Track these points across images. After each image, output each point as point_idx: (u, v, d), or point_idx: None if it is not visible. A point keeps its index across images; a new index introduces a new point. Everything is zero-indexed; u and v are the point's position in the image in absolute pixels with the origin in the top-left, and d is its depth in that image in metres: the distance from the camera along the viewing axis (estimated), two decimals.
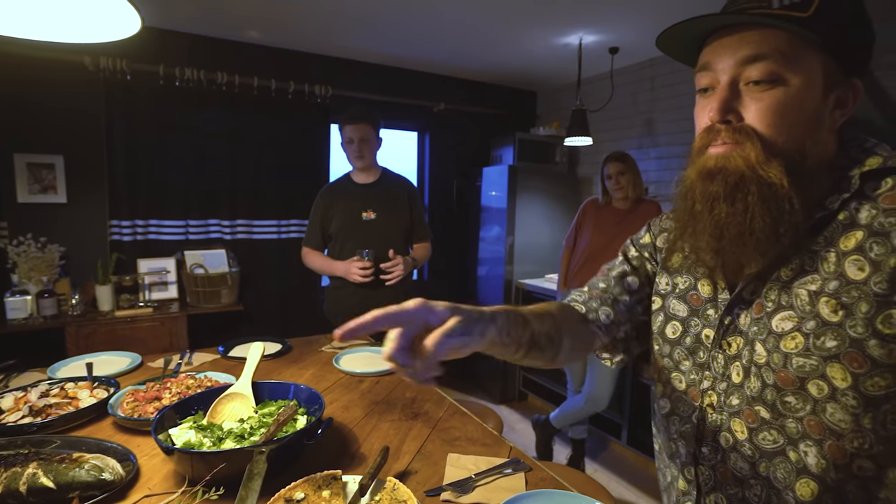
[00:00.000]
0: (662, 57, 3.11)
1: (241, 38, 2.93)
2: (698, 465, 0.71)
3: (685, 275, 0.75)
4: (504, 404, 3.52)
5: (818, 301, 0.58)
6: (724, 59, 0.60)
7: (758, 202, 0.58)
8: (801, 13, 0.56)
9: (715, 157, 0.61)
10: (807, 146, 0.60)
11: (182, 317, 2.51)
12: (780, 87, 0.58)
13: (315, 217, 2.19)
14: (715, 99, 0.61)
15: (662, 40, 0.66)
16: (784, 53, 0.57)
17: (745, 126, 0.59)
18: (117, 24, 0.78)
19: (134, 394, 1.16)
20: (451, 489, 0.86)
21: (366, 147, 2.08)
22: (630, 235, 2.57)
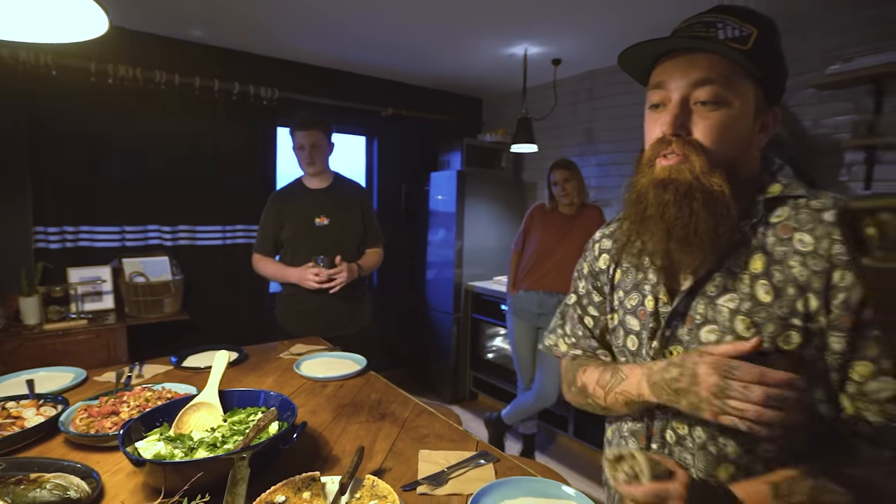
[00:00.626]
0: (601, 69, 3.32)
1: (183, 37, 2.82)
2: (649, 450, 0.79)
3: (632, 292, 0.82)
4: (455, 404, 3.59)
5: (735, 318, 0.68)
6: (676, 80, 0.69)
7: (702, 207, 0.67)
8: (742, 46, 0.66)
9: (667, 169, 0.69)
10: (739, 161, 0.70)
11: (121, 328, 2.36)
12: (724, 109, 0.67)
13: (266, 223, 2.14)
14: (668, 114, 0.69)
15: (624, 57, 0.73)
16: (728, 79, 0.66)
17: (693, 140, 0.68)
18: (83, 25, 0.77)
19: (87, 409, 1.11)
20: (427, 483, 0.91)
21: (317, 153, 2.06)
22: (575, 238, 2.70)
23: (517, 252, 2.80)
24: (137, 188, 2.71)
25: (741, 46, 0.66)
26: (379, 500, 0.81)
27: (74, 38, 0.77)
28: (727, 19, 0.68)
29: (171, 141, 2.78)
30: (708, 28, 0.68)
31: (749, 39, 0.67)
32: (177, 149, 2.80)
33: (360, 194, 2.23)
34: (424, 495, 0.88)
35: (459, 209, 3.50)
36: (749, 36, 0.67)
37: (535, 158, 3.87)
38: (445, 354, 3.65)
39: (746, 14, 0.69)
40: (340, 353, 1.67)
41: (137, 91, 2.65)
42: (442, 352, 3.68)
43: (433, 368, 3.81)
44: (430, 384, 3.80)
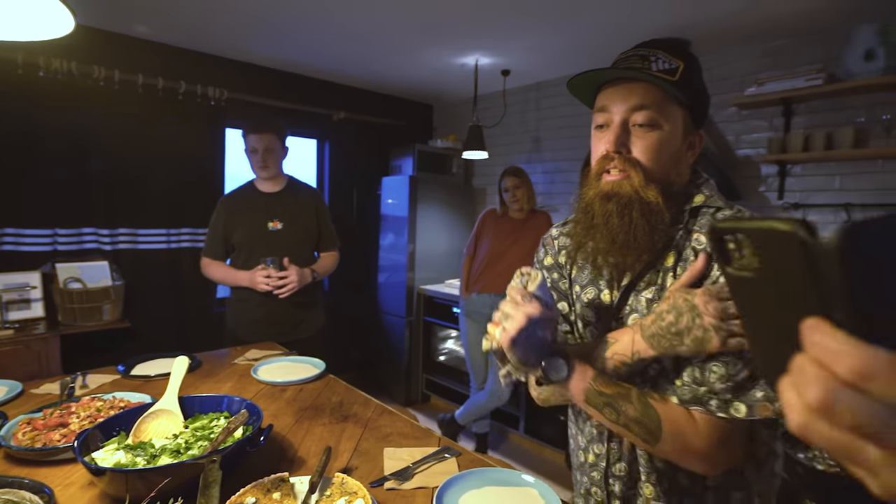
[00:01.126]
0: (547, 81, 3.48)
1: (126, 32, 2.69)
2: (609, 442, 0.87)
3: (590, 286, 0.91)
4: (408, 407, 3.61)
5: (651, 306, 0.79)
6: (617, 104, 0.79)
7: (640, 217, 0.77)
8: (671, 77, 0.77)
9: (611, 184, 0.79)
10: (672, 176, 0.81)
11: (53, 338, 2.21)
12: (658, 131, 0.77)
13: (216, 226, 2.09)
14: (611, 134, 0.79)
15: (573, 82, 0.83)
16: (660, 105, 0.77)
17: (633, 158, 0.78)
18: (48, 24, 0.75)
19: (31, 423, 1.05)
20: (394, 478, 0.94)
21: (270, 157, 2.03)
22: (525, 242, 2.83)
23: (469, 256, 2.88)
24: (72, 189, 2.56)
25: (671, 77, 0.76)
26: (349, 497, 0.84)
27: (39, 36, 0.76)
28: (659, 53, 0.79)
29: (111, 140, 2.65)
30: (643, 60, 0.78)
31: (677, 72, 0.77)
32: (117, 148, 2.67)
33: (314, 198, 2.21)
34: (392, 490, 0.92)
35: (412, 214, 3.54)
36: (677, 69, 0.77)
37: (486, 165, 3.98)
38: (398, 358, 3.67)
39: (674, 49, 0.80)
40: (298, 358, 1.67)
41: (73, 86, 2.51)
42: (394, 355, 3.70)
43: (385, 372, 3.82)
44: (383, 387, 3.81)
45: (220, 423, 1.01)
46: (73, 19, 0.74)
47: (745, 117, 2.57)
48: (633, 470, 0.86)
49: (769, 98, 2.32)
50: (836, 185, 2.31)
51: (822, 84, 2.16)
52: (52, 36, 0.76)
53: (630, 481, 0.86)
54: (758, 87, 2.35)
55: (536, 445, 2.97)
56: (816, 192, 2.36)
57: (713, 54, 2.65)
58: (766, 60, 2.48)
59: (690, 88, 0.78)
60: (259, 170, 2.05)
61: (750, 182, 2.56)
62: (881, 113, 2.15)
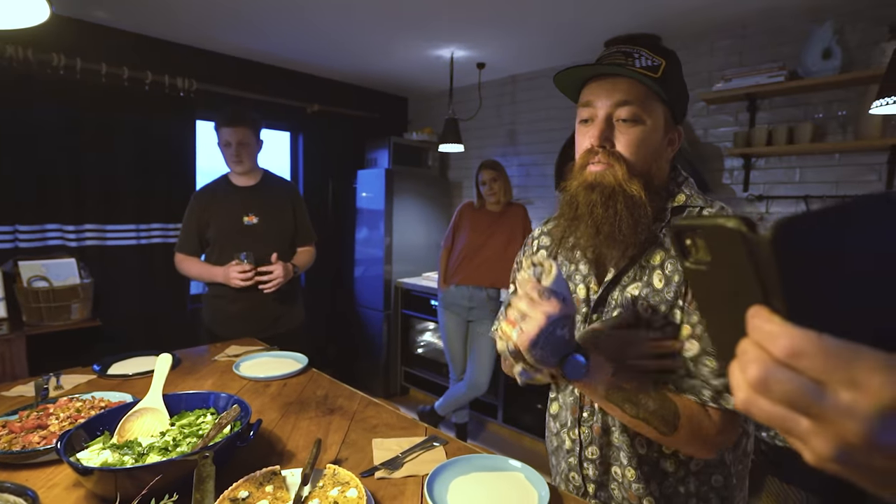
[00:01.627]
0: (522, 74, 3.52)
1: (85, 18, 2.58)
2: (580, 427, 0.92)
3: (567, 282, 0.95)
4: (388, 399, 3.63)
5: (637, 303, 0.82)
6: (601, 100, 0.81)
7: (624, 209, 0.79)
8: (654, 74, 0.79)
9: (594, 174, 0.81)
10: (653, 171, 0.84)
11: (18, 339, 2.13)
12: (640, 126, 0.80)
13: (190, 221, 2.05)
14: (595, 128, 0.82)
15: (559, 77, 0.85)
16: (643, 102, 0.79)
17: (616, 152, 0.81)
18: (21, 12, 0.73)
19: (6, 426, 1.03)
20: (384, 468, 0.96)
21: (245, 150, 2.00)
22: (502, 235, 2.88)
23: (447, 249, 2.91)
24: (33, 184, 2.45)
25: (653, 74, 0.79)
26: (342, 487, 0.85)
27: (12, 24, 0.74)
28: (642, 51, 0.81)
29: (73, 132, 2.54)
30: (627, 57, 0.80)
31: (659, 69, 0.80)
32: (81, 141, 2.57)
33: (290, 192, 2.19)
34: (383, 479, 0.93)
35: (388, 207, 3.54)
36: (659, 66, 0.80)
37: (461, 158, 4.00)
38: (376, 351, 3.67)
39: (656, 47, 0.82)
40: (279, 353, 1.66)
41: (31, 75, 2.39)
42: (372, 349, 3.70)
43: (363, 365, 3.82)
44: (360, 381, 3.80)
45: (208, 420, 1.01)
46: (49, 8, 0.71)
47: (713, 112, 2.66)
48: (605, 454, 0.89)
49: (735, 94, 2.41)
50: (796, 177, 2.42)
51: (783, 81, 2.26)
52: (26, 25, 0.74)
53: (603, 465, 0.90)
54: (724, 83, 2.43)
55: (515, 434, 3.03)
56: (779, 184, 2.47)
57: (683, 50, 2.73)
58: (732, 58, 2.57)
59: (672, 86, 0.81)
60: (233, 164, 2.02)
61: (717, 175, 2.66)
62: (837, 109, 2.26)
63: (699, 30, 2.62)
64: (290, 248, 2.17)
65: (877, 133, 2.10)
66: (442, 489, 0.88)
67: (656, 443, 0.83)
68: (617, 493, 0.90)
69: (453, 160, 4.11)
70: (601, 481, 0.91)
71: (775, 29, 2.43)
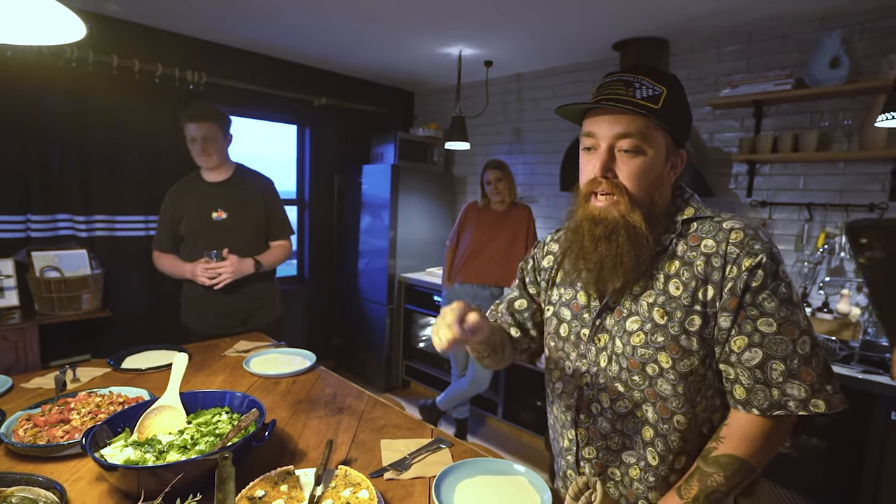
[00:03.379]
0: (529, 73, 3.52)
1: (97, 10, 2.59)
2: (577, 428, 0.95)
3: (568, 288, 0.99)
4: (388, 392, 3.68)
5: (652, 310, 0.85)
6: (603, 131, 0.84)
7: (626, 242, 0.83)
8: (654, 105, 0.81)
9: (599, 209, 0.85)
10: (655, 198, 0.86)
11: (32, 328, 2.17)
12: (641, 156, 0.83)
13: (164, 218, 2.05)
14: (598, 159, 0.84)
15: (560, 112, 0.89)
16: (643, 133, 0.82)
17: (619, 182, 0.84)
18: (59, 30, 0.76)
19: (30, 419, 1.07)
20: (392, 469, 1.00)
21: (211, 146, 1.96)
22: (506, 234, 2.94)
23: (452, 247, 2.94)
24: (44, 175, 2.48)
25: (653, 105, 0.81)
26: (353, 488, 0.89)
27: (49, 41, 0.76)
28: (643, 80, 0.83)
29: (84, 123, 2.57)
30: (627, 87, 0.82)
31: (660, 98, 0.82)
32: (91, 132, 2.59)
33: (263, 186, 2.13)
34: (392, 480, 0.98)
35: (393, 202, 3.56)
36: (660, 95, 0.82)
37: (466, 155, 4.02)
38: (378, 344, 3.72)
39: (658, 75, 0.84)
40: (288, 350, 1.70)
41: (43, 67, 2.42)
42: (375, 342, 3.75)
43: (364, 358, 3.87)
44: (361, 374, 3.86)
45: (223, 419, 1.05)
46: (85, 26, 0.74)
47: (719, 117, 2.68)
48: (602, 457, 0.93)
49: (741, 100, 2.42)
50: (800, 185, 2.44)
51: (790, 89, 2.27)
52: (62, 42, 0.77)
53: (599, 465, 0.94)
54: (731, 89, 2.44)
55: (515, 430, 3.08)
56: (782, 191, 2.49)
57: (690, 54, 2.74)
58: (739, 63, 2.58)
59: (672, 113, 0.82)
60: (200, 159, 1.99)
61: (721, 179, 2.68)
62: (844, 118, 2.27)
63: (707, 35, 2.62)
64: (263, 244, 2.12)
65: (882, 143, 2.12)
66: (449, 491, 0.92)
67: (667, 457, 0.87)
68: (613, 490, 0.94)
69: (458, 156, 4.12)
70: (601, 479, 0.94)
71: (783, 36, 2.43)
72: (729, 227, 0.82)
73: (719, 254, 0.81)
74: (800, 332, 0.77)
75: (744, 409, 0.80)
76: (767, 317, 0.78)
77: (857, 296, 2.29)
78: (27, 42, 0.77)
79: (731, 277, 0.79)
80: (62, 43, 0.78)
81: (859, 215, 2.27)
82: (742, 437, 0.80)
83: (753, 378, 0.78)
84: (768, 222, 2.53)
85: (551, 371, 1.03)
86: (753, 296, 0.78)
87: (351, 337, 3.98)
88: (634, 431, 0.88)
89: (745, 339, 0.79)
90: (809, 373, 0.76)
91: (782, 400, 0.77)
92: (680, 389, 0.83)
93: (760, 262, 0.78)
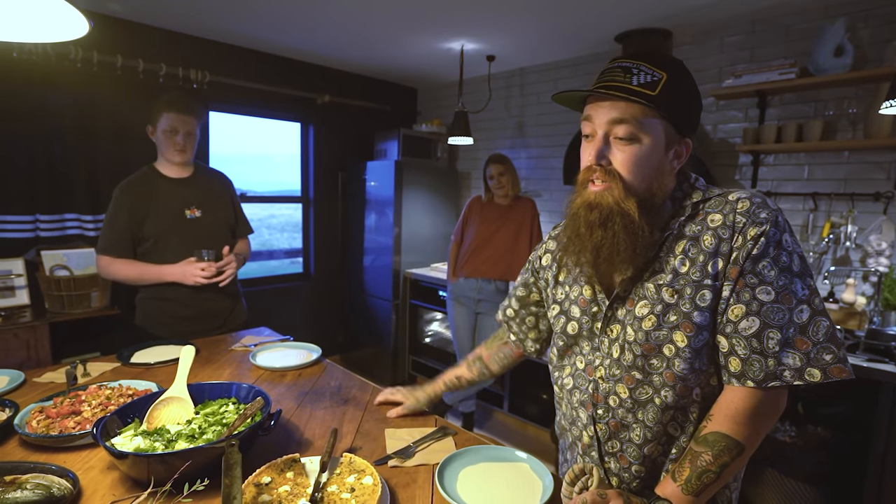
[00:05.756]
0: (531, 67, 3.52)
1: (102, 10, 2.62)
2: (596, 424, 0.92)
3: (573, 285, 0.97)
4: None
5: (661, 290, 0.84)
6: (600, 117, 0.83)
7: (621, 229, 0.82)
8: (651, 92, 0.80)
9: (595, 194, 0.84)
10: (654, 187, 0.85)
11: (42, 325, 2.21)
12: (637, 144, 0.81)
13: (118, 218, 1.80)
14: (593, 147, 0.84)
15: (556, 98, 0.89)
16: (639, 120, 0.80)
17: (613, 170, 0.83)
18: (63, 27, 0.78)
19: (43, 411, 1.09)
20: (397, 457, 1.02)
21: (190, 141, 1.86)
22: (510, 228, 2.96)
23: (456, 242, 2.95)
24: (52, 174, 2.52)
25: (650, 92, 0.80)
26: (358, 474, 0.91)
27: (52, 38, 0.78)
28: (642, 65, 0.81)
29: (90, 124, 2.60)
30: (625, 73, 0.82)
31: (658, 85, 0.80)
32: (96, 132, 2.62)
33: (226, 184, 2.07)
34: (396, 467, 0.99)
35: (397, 198, 3.58)
36: (659, 81, 0.80)
37: (470, 149, 4.02)
38: (385, 340, 3.74)
39: (658, 60, 0.82)
40: (294, 343, 1.72)
41: (49, 67, 2.45)
42: (381, 337, 3.77)
43: (371, 354, 3.89)
44: (367, 370, 3.89)
45: (230, 409, 1.07)
46: (88, 23, 0.76)
47: (723, 107, 2.66)
48: (625, 448, 0.90)
49: (745, 90, 2.40)
50: (804, 174, 2.43)
51: (794, 78, 2.26)
52: (66, 38, 0.79)
53: (626, 459, 0.91)
54: (735, 79, 2.43)
55: (520, 423, 3.10)
56: (787, 181, 2.48)
57: (692, 45, 2.72)
58: (742, 53, 2.57)
59: (672, 100, 0.81)
60: (175, 153, 1.85)
61: (725, 170, 2.67)
62: (848, 107, 2.26)
63: (709, 25, 2.61)
64: (233, 240, 2.05)
65: (887, 131, 2.11)
66: (452, 477, 0.93)
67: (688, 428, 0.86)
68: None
69: (462, 151, 4.13)
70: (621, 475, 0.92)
71: (786, 26, 2.42)
72: (735, 197, 0.82)
73: (727, 225, 0.80)
74: (797, 301, 0.76)
75: (738, 383, 0.78)
76: (766, 285, 0.77)
77: (863, 285, 2.28)
78: (30, 39, 0.79)
79: (737, 247, 0.79)
80: (65, 40, 0.79)
81: (864, 204, 2.26)
82: (729, 413, 0.79)
83: (750, 348, 0.77)
84: None
85: (562, 368, 1.01)
86: (754, 264, 0.77)
87: (357, 333, 4.01)
88: (655, 418, 0.86)
89: (743, 308, 0.78)
90: (805, 341, 0.75)
91: (778, 370, 0.75)
92: (696, 365, 0.82)
93: (764, 231, 0.77)
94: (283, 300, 3.70)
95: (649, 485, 0.90)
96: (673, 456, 0.87)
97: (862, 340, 1.98)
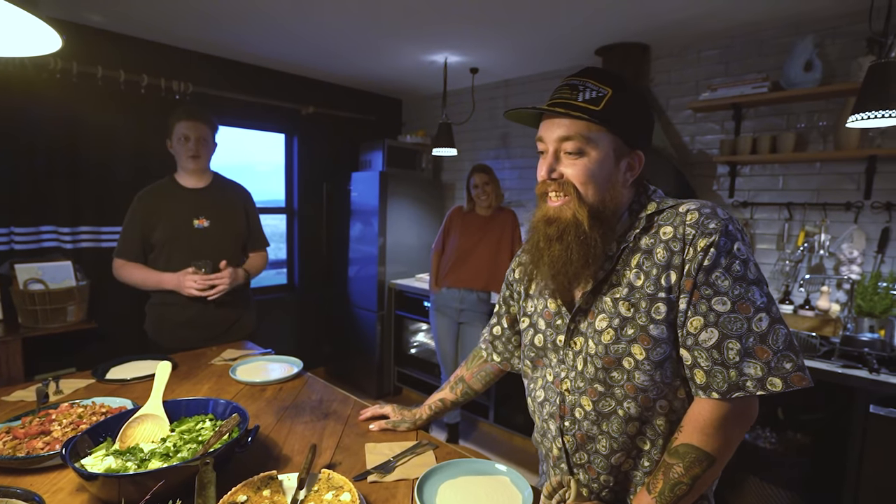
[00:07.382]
0: (515, 79, 3.56)
1: (81, 21, 2.59)
2: (564, 436, 0.94)
3: (539, 298, 1.00)
4: (380, 399, 3.67)
5: (618, 304, 0.85)
6: (550, 134, 0.86)
7: (574, 241, 0.84)
8: (595, 107, 0.83)
9: (553, 209, 0.87)
10: (606, 199, 0.86)
11: (15, 341, 2.15)
12: (584, 158, 0.84)
13: (133, 224, 1.89)
14: (546, 162, 0.87)
15: (509, 116, 0.92)
16: (584, 135, 0.83)
17: (567, 180, 0.86)
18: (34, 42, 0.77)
19: (10, 431, 1.06)
20: (376, 472, 1.01)
21: (203, 147, 1.91)
22: (491, 239, 3.00)
23: (437, 252, 2.95)
24: (28, 186, 2.47)
25: (594, 107, 0.82)
26: (336, 491, 0.90)
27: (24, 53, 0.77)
28: (587, 82, 0.85)
29: (70, 135, 2.56)
30: (572, 90, 0.85)
31: (602, 100, 0.83)
32: (76, 144, 2.58)
33: (243, 196, 2.10)
34: (375, 483, 0.98)
35: (382, 209, 3.57)
36: (604, 97, 0.83)
37: (454, 160, 4.04)
38: (370, 351, 3.72)
39: (604, 77, 0.86)
40: (275, 357, 1.70)
41: (26, 78, 2.41)
42: (366, 348, 3.74)
43: (356, 365, 3.86)
44: (353, 381, 3.85)
45: (207, 426, 1.05)
46: (60, 38, 0.75)
47: (700, 120, 2.72)
48: (592, 459, 0.91)
49: (721, 103, 2.46)
50: (779, 185, 2.49)
51: (767, 92, 2.32)
52: (38, 53, 0.78)
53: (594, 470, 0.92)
54: (711, 93, 2.49)
55: (506, 433, 3.09)
56: (762, 191, 2.54)
57: (670, 58, 2.79)
58: (718, 67, 2.63)
59: (617, 114, 0.83)
60: (189, 159, 1.90)
61: (704, 181, 2.72)
62: (818, 119, 2.33)
63: (687, 40, 2.67)
64: (243, 253, 2.07)
65: (855, 143, 2.17)
66: (431, 492, 0.93)
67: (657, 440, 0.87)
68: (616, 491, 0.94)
69: (446, 162, 4.15)
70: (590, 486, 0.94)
71: (759, 41, 2.49)
72: (685, 209, 0.83)
73: (677, 237, 0.82)
74: (755, 309, 0.77)
75: (704, 395, 0.79)
76: (721, 295, 0.77)
77: (837, 293, 2.33)
78: (1, 54, 0.78)
79: (688, 259, 0.80)
80: (39, 55, 0.78)
81: (836, 214, 2.32)
82: (698, 425, 0.79)
83: (711, 359, 0.78)
84: (750, 222, 2.57)
85: (535, 380, 1.02)
86: (706, 275, 0.78)
87: (342, 344, 3.97)
88: (620, 429, 0.87)
89: (701, 320, 0.78)
90: (765, 350, 0.75)
91: (740, 380, 0.76)
92: (657, 377, 0.83)
93: (714, 242, 0.78)
94: (268, 311, 3.66)
95: (621, 497, 0.91)
96: (647, 469, 0.88)
97: (837, 347, 2.02)
